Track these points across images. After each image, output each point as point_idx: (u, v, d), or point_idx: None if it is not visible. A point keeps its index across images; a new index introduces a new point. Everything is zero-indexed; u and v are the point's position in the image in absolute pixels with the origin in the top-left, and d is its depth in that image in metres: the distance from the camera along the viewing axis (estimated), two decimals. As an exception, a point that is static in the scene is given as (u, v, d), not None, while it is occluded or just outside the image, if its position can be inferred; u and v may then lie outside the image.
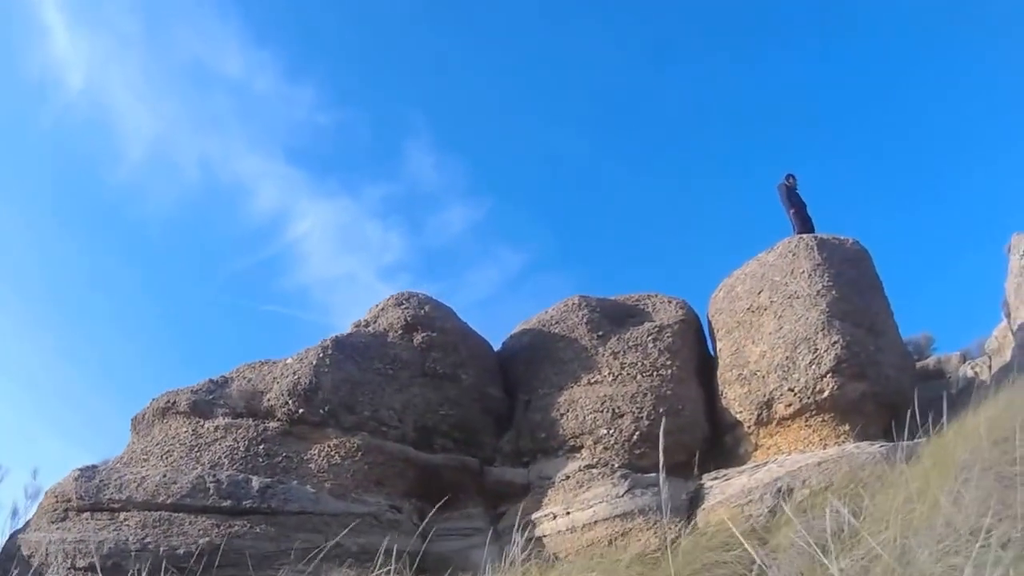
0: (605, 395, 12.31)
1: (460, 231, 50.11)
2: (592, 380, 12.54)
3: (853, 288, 13.26)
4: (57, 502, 10.39)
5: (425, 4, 51.69)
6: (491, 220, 51.12)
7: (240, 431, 11.36)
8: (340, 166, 55.01)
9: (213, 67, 50.47)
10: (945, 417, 8.77)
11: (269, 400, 11.65)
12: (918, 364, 17.75)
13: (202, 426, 11.56)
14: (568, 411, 12.32)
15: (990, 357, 16.77)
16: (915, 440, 9.75)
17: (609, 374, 12.57)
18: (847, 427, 12.31)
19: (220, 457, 11.04)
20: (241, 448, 11.14)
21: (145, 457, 11.39)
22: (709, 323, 14.01)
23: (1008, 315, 16.02)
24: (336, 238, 51.63)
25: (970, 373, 16.59)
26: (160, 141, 50.91)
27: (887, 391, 12.56)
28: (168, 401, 12.07)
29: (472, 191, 52.48)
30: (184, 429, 11.59)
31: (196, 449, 11.24)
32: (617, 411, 12.14)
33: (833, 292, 12.88)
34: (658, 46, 51.10)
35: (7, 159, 47.14)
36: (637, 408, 12.16)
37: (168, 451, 11.30)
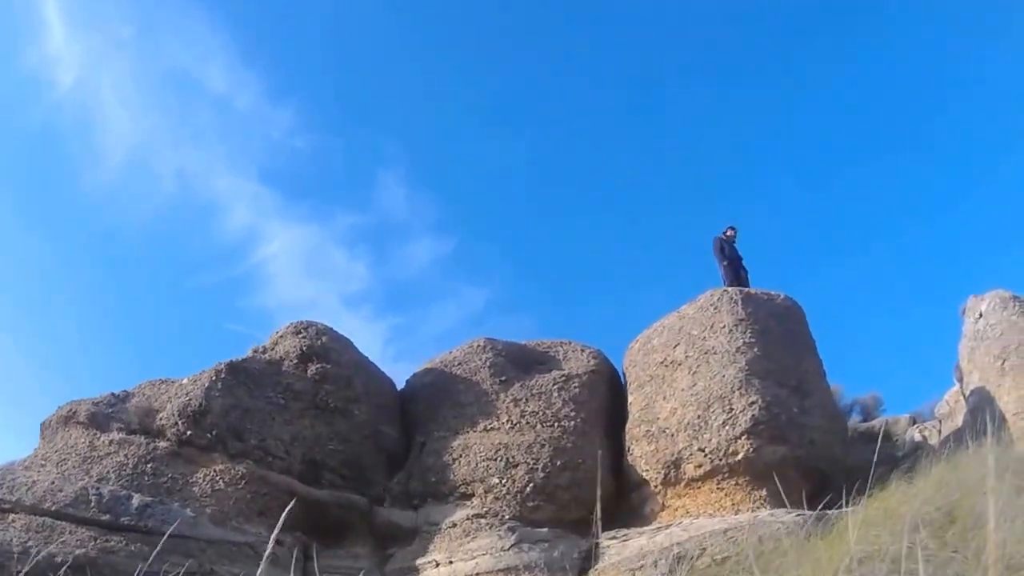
0: (501, 443, 11.89)
1: (425, 265, 50.46)
2: (489, 426, 12.14)
3: (780, 346, 12.72)
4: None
5: (410, 39, 52.96)
6: (457, 257, 51.52)
7: (132, 447, 11.30)
8: (313, 191, 55.98)
9: (199, 80, 51.60)
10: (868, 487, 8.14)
11: (161, 419, 11.59)
12: (863, 425, 17.06)
13: (98, 438, 11.53)
14: (461, 456, 11.92)
15: (940, 421, 16.10)
16: (840, 509, 9.22)
17: (508, 421, 12.15)
18: (764, 492, 11.73)
19: (108, 471, 10.97)
20: (130, 465, 11.06)
21: (43, 463, 11.37)
22: (625, 376, 13.51)
23: (960, 379, 15.39)
24: (303, 262, 52.15)
25: (918, 437, 15.87)
26: (141, 148, 52.04)
27: (811, 455, 11.98)
28: (71, 410, 12.09)
29: (440, 227, 53.01)
30: (82, 440, 11.57)
31: (88, 460, 11.19)
32: (511, 460, 11.70)
33: (755, 349, 12.36)
34: (635, 90, 51.71)
35: None
36: (533, 459, 11.70)
37: (63, 459, 11.27)
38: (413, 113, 52.96)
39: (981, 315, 14.99)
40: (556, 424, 12.11)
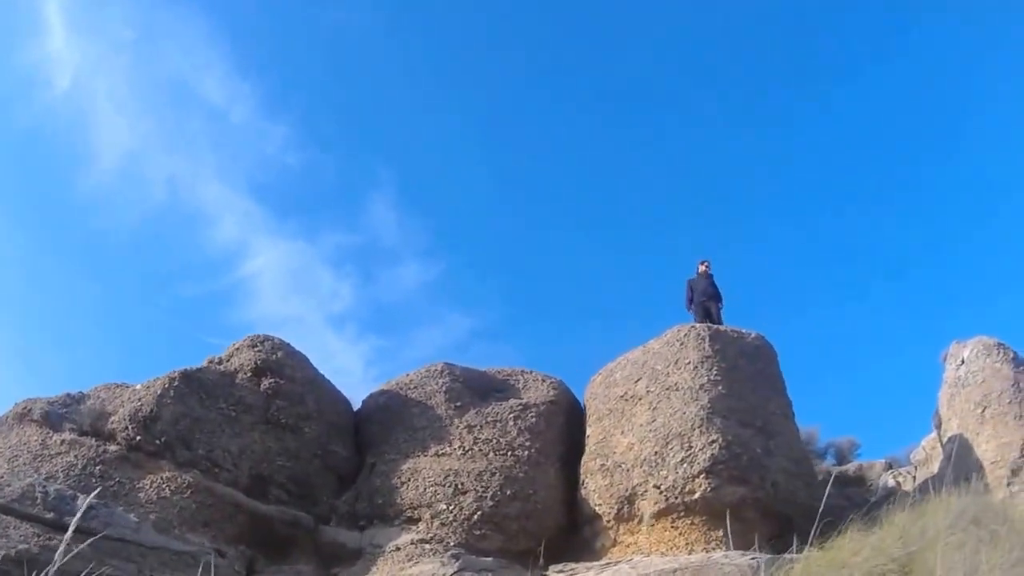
0: (451, 469, 11.73)
1: (411, 289, 50.21)
2: (441, 452, 11.98)
3: (747, 385, 12.48)
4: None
5: (408, 63, 52.39)
6: (444, 283, 51.31)
7: (83, 449, 11.31)
8: (302, 208, 55.43)
9: (195, 90, 50.82)
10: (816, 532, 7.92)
11: (113, 423, 11.60)
12: (837, 469, 16.74)
13: (51, 437, 11.55)
14: (410, 480, 11.77)
15: (916, 467, 15.78)
16: (798, 554, 8.99)
17: (460, 447, 11.99)
18: (720, 533, 11.45)
19: (57, 470, 10.99)
20: (79, 465, 11.07)
21: (-4, 458, 11.42)
22: (586, 408, 13.30)
23: (938, 426, 15.10)
24: (288, 279, 51.95)
25: (891, 483, 15.54)
26: (133, 154, 51.14)
27: (773, 497, 11.72)
28: (26, 408, 12.15)
29: (429, 252, 52.81)
30: (35, 437, 11.59)
31: (39, 459, 11.19)
32: (460, 487, 11.53)
33: (720, 387, 12.12)
34: (629, 121, 51.78)
35: None
36: (482, 487, 11.53)
37: (15, 455, 11.27)
38: (407, 137, 52.87)
39: (963, 362, 14.70)
40: (509, 453, 11.93)
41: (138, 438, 11.27)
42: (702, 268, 14.54)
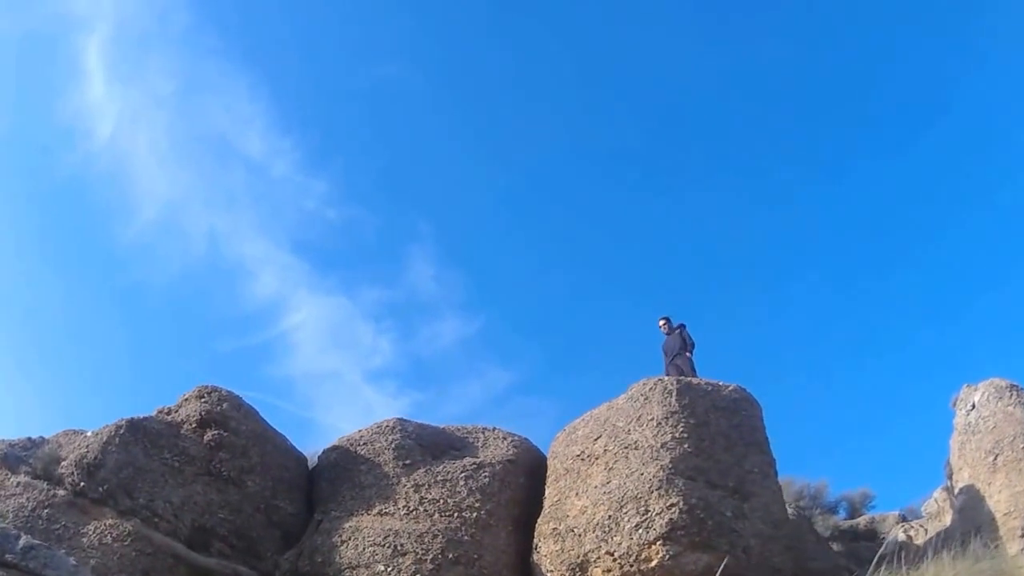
0: (392, 529, 11.29)
1: (451, 343, 49.62)
2: (384, 511, 11.55)
3: (719, 442, 11.66)
4: None
5: (447, 118, 52.74)
6: (483, 336, 50.76)
7: (34, 492, 11.45)
8: (342, 263, 55.36)
9: (235, 144, 51.91)
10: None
11: (63, 468, 11.75)
12: (846, 523, 15.54)
13: (8, 479, 11.76)
14: (350, 539, 11.39)
15: (928, 520, 14.59)
16: None
17: (404, 507, 11.54)
18: (688, 604, 10.62)
19: (8, 510, 11.11)
20: (28, 507, 11.20)
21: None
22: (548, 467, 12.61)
23: (950, 476, 13.88)
24: (328, 334, 51.91)
25: (903, 537, 14.30)
26: (173, 206, 52.47)
27: (747, 565, 10.81)
28: (-12, 450, 12.41)
29: (467, 306, 52.40)
30: None
31: None
32: (400, 548, 11.07)
33: (685, 445, 11.33)
34: (658, 184, 51.54)
35: (26, 197, 48.75)
36: (423, 549, 11.04)
37: None
38: (446, 191, 53.70)
39: (974, 406, 13.57)
40: (456, 514, 11.38)
41: (82, 484, 11.37)
42: (661, 325, 14.17)
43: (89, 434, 12.03)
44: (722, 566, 10.24)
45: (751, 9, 50.01)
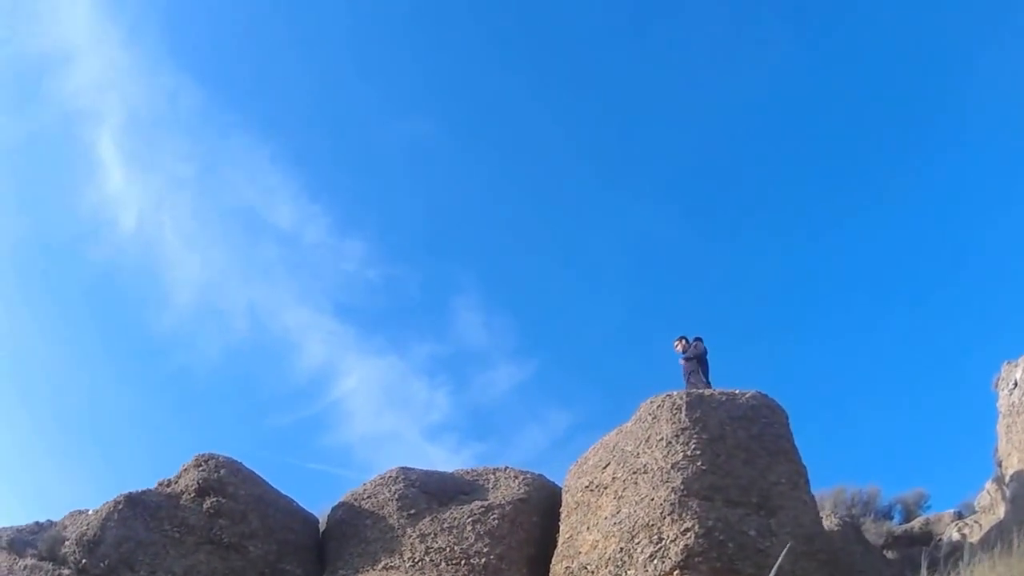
0: (398, 583, 10.68)
1: (506, 390, 48.80)
2: (390, 564, 11.15)
3: (737, 455, 10.87)
4: None
5: (480, 166, 52.16)
6: (538, 380, 49.91)
7: (40, 573, 11.69)
8: (388, 322, 53.99)
9: (264, 216, 50.25)
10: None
11: (66, 548, 11.91)
12: (900, 528, 14.37)
13: (16, 563, 12.06)
14: (357, 598, 10.80)
15: (981, 515, 13.35)
16: None
17: (410, 559, 11.11)
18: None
19: None
20: None
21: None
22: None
23: (999, 464, 12.72)
24: (382, 395, 51.32)
25: (956, 536, 13.10)
26: (209, 287, 51.24)
27: None
28: (-3, 536, 12.79)
29: (519, 350, 51.42)
30: (4, 563, 12.20)
31: None
32: (408, 603, 10.45)
33: (698, 463, 10.59)
34: (702, 217, 49.39)
35: (58, 295, 48.63)
36: (432, 601, 10.41)
37: None
38: (485, 239, 52.36)
39: (1016, 384, 12.42)
40: (464, 561, 10.87)
41: (84, 561, 11.49)
42: (678, 348, 13.48)
43: (90, 512, 12.14)
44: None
45: (792, 34, 48.38)
